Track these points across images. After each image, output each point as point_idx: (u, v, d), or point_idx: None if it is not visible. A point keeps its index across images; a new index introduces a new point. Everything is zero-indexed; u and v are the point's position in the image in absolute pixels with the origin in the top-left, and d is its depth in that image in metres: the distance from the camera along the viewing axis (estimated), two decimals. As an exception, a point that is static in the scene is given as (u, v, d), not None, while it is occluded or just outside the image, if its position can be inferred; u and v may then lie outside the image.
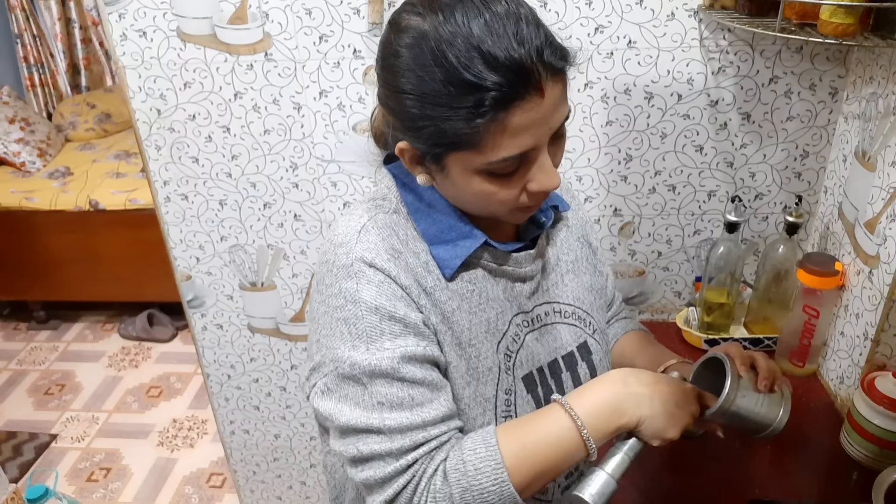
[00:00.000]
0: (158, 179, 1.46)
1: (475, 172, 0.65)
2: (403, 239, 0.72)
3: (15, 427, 2.58)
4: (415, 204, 0.74)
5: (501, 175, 0.65)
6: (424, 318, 0.70)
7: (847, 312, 1.19)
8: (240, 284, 1.57)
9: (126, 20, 1.28)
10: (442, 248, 0.72)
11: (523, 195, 0.68)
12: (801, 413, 1.20)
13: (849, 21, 0.92)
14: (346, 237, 0.71)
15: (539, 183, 0.66)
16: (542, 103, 0.61)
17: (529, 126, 0.62)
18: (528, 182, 0.66)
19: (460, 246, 0.72)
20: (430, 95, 0.62)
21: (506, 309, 0.77)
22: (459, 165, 0.66)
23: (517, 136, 0.62)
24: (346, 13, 1.24)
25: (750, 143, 1.30)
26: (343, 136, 1.36)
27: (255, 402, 1.75)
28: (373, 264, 0.68)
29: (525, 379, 0.78)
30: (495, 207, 0.69)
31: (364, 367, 0.66)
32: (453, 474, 0.66)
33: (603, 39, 1.22)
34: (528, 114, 0.61)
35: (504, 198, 0.67)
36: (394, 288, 0.68)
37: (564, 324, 0.83)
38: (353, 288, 0.68)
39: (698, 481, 1.07)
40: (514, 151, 0.63)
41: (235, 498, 2.14)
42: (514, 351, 0.77)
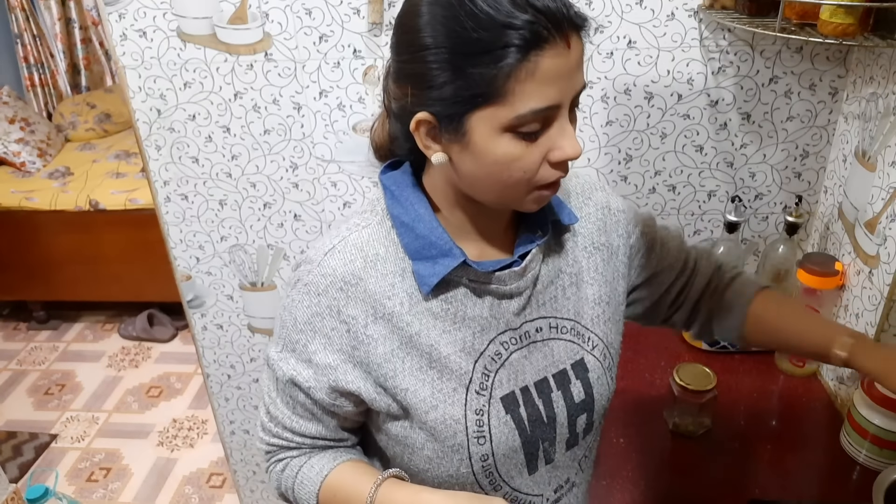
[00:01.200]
0: (158, 179, 1.46)
1: (502, 130, 0.63)
2: (377, 256, 0.73)
3: (15, 427, 2.58)
4: (400, 218, 0.73)
5: (527, 135, 0.63)
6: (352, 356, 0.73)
7: (847, 312, 1.19)
8: (240, 284, 1.57)
9: (126, 20, 1.28)
10: (422, 264, 0.72)
11: (544, 167, 0.65)
12: (801, 413, 1.20)
13: (849, 21, 0.92)
14: (315, 255, 0.74)
15: (562, 150, 0.64)
16: (569, 55, 0.61)
17: (557, 76, 0.61)
18: (550, 150, 0.65)
19: (439, 264, 0.71)
20: (456, 44, 0.60)
21: (488, 327, 0.75)
22: (484, 126, 0.63)
23: (545, 85, 0.60)
24: (346, 13, 1.24)
25: (750, 143, 1.30)
26: (343, 136, 1.36)
27: (255, 402, 1.75)
28: (322, 293, 0.72)
29: (505, 399, 0.76)
30: (515, 182, 0.66)
31: (273, 365, 0.78)
32: (288, 471, 0.81)
33: (603, 39, 1.22)
34: (556, 61, 0.60)
35: (529, 164, 0.64)
36: (325, 322, 0.72)
37: (560, 340, 0.80)
38: (296, 302, 0.74)
39: (698, 481, 1.07)
40: (542, 103, 0.61)
41: (235, 498, 2.14)
42: (492, 370, 0.75)
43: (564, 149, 0.64)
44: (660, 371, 1.28)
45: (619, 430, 1.15)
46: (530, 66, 0.59)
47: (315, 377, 0.74)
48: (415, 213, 0.72)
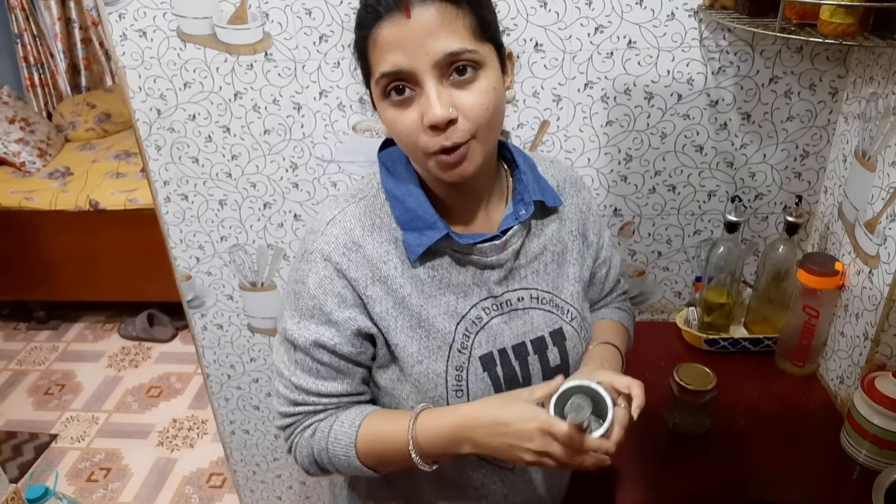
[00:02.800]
0: (158, 179, 1.46)
1: (380, 98, 0.72)
2: (372, 226, 0.80)
3: (15, 427, 2.58)
4: (393, 192, 0.81)
5: (396, 101, 0.71)
6: (364, 308, 0.80)
7: (847, 312, 1.19)
8: (240, 284, 1.57)
9: (126, 20, 1.28)
10: (411, 234, 0.79)
11: (425, 133, 0.71)
12: (801, 413, 1.20)
13: (849, 21, 0.92)
14: (318, 225, 0.81)
15: (426, 114, 0.69)
16: (410, 23, 0.67)
17: (397, 43, 0.68)
18: (422, 115, 0.70)
19: (425, 235, 0.79)
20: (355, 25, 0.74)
21: (470, 293, 0.83)
22: (375, 98, 0.74)
23: (386, 52, 0.69)
24: (346, 13, 1.24)
25: (750, 143, 1.30)
26: (343, 136, 1.36)
27: (255, 402, 1.75)
28: (328, 258, 0.79)
29: (483, 358, 0.83)
30: (408, 148, 0.74)
31: (291, 335, 0.82)
32: (318, 434, 0.83)
33: (603, 39, 1.22)
34: (392, 29, 0.68)
35: (405, 128, 0.72)
36: (335, 283, 0.79)
37: (540, 310, 0.87)
38: (305, 271, 0.80)
39: (698, 481, 1.07)
40: (387, 67, 0.69)
41: (235, 498, 2.14)
42: (472, 332, 0.82)
43: (426, 113, 0.69)
44: (660, 371, 1.28)
45: (619, 430, 1.15)
46: (373, 37, 0.70)
47: (338, 333, 0.80)
48: (405, 188, 0.80)
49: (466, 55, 0.69)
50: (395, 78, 0.70)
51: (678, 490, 1.06)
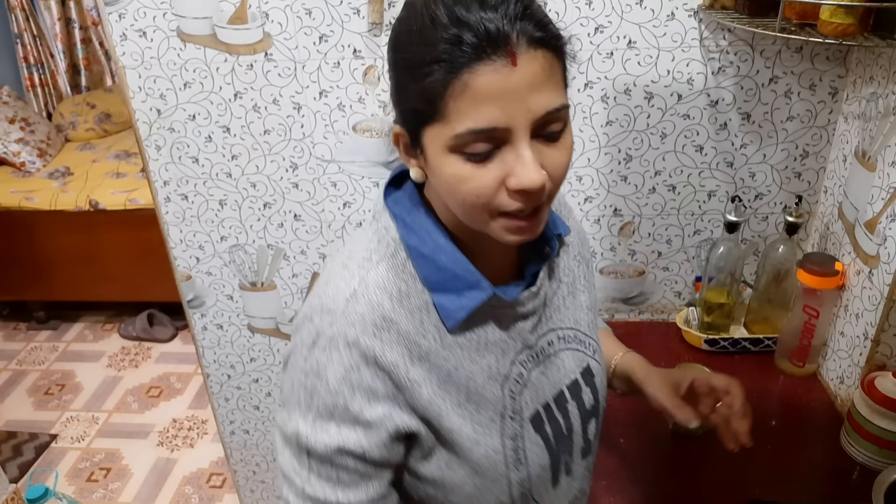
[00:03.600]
0: (158, 179, 1.46)
1: (447, 150, 0.60)
2: (400, 294, 0.67)
3: (15, 427, 2.58)
4: (419, 249, 0.68)
5: (474, 157, 0.59)
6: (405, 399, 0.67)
7: (847, 312, 1.19)
8: (240, 284, 1.57)
9: (126, 20, 1.28)
10: (445, 296, 0.68)
11: (502, 194, 0.60)
12: (801, 413, 1.20)
13: (849, 21, 0.92)
14: (335, 303, 0.66)
15: (517, 177, 0.59)
16: (514, 73, 0.56)
17: (497, 95, 0.56)
18: (507, 176, 0.59)
19: (466, 296, 0.68)
20: (403, 60, 0.61)
21: (508, 349, 0.73)
22: (433, 144, 0.61)
23: (482, 104, 0.56)
24: (346, 13, 1.24)
25: (750, 143, 1.30)
26: (343, 136, 1.36)
27: (255, 402, 1.75)
28: (354, 343, 0.64)
29: (533, 420, 0.75)
30: (471, 206, 0.62)
31: (304, 440, 0.66)
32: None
33: (603, 39, 1.22)
34: (493, 77, 0.55)
35: (479, 189, 0.60)
36: (364, 374, 0.64)
37: (568, 350, 0.80)
38: (323, 362, 0.65)
39: (698, 481, 1.07)
40: (480, 123, 0.57)
41: (235, 498, 2.14)
42: (517, 392, 0.74)
43: (519, 177, 0.59)
44: (660, 371, 1.28)
45: (619, 430, 1.15)
46: (461, 83, 0.56)
47: (367, 436, 0.66)
48: (434, 243, 0.68)
49: (563, 112, 0.60)
50: (483, 137, 0.58)
51: (678, 490, 1.06)
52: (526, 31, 0.56)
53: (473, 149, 0.59)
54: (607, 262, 1.46)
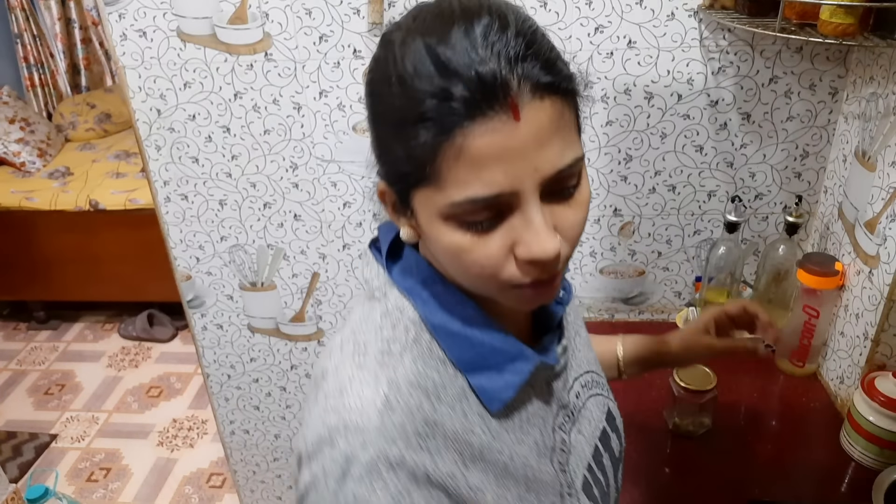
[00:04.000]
0: (158, 179, 1.46)
1: (442, 218, 0.50)
2: (436, 386, 0.56)
3: (15, 427, 2.58)
4: (447, 327, 0.57)
5: (475, 226, 0.50)
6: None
7: (847, 312, 1.19)
8: (240, 284, 1.57)
9: (126, 20, 1.28)
10: (485, 376, 0.57)
11: (511, 264, 0.51)
12: (801, 413, 1.20)
13: (849, 21, 0.92)
14: (364, 417, 0.53)
15: (527, 247, 0.49)
16: (517, 128, 0.46)
17: (499, 157, 0.47)
18: (514, 244, 0.50)
19: (509, 371, 0.58)
20: (384, 113, 0.51)
21: (547, 416, 0.64)
22: (425, 209, 0.52)
23: (483, 169, 0.47)
24: (346, 13, 1.24)
25: (750, 143, 1.30)
26: (343, 136, 1.36)
27: (255, 402, 1.75)
28: (399, 463, 0.52)
29: (584, 488, 0.66)
30: (476, 276, 0.53)
31: None
32: None
33: (603, 39, 1.22)
34: (494, 137, 0.46)
35: (484, 260, 0.51)
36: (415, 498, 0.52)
37: (591, 397, 0.72)
38: (364, 497, 0.51)
39: (698, 481, 1.07)
40: (482, 191, 0.47)
41: (235, 498, 2.14)
42: (565, 462, 0.65)
43: (529, 246, 0.49)
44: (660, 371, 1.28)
45: (619, 430, 1.16)
46: (454, 147, 0.46)
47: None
48: (462, 316, 0.58)
49: (577, 166, 0.51)
50: (488, 205, 0.49)
51: (678, 490, 1.06)
52: (530, 75, 0.47)
53: (474, 217, 0.50)
54: (607, 262, 1.46)
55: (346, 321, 0.63)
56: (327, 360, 0.59)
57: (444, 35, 0.47)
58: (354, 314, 0.62)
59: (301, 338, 1.63)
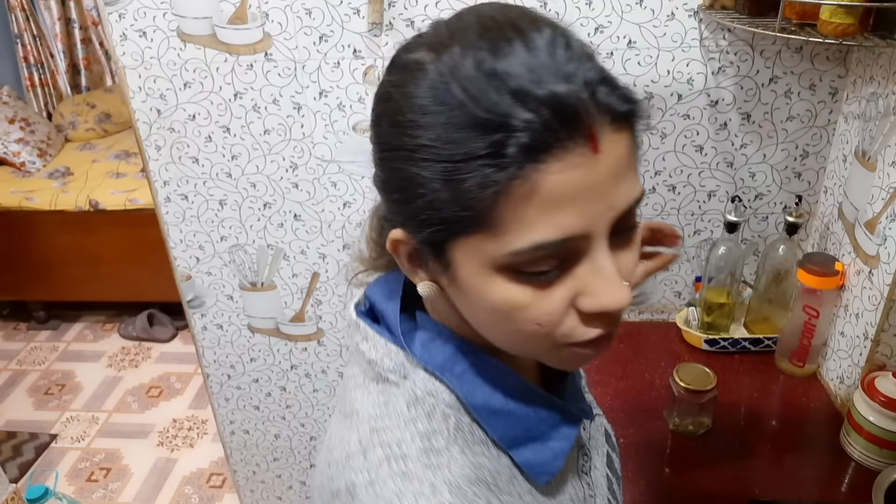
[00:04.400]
0: (158, 179, 1.46)
1: (494, 270, 0.43)
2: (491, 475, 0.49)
3: (15, 427, 2.58)
4: (490, 404, 0.50)
5: (535, 277, 0.43)
6: None
7: (847, 312, 1.19)
8: (240, 284, 1.57)
9: (126, 20, 1.28)
10: (529, 449, 0.51)
11: (570, 319, 0.44)
12: (801, 413, 1.20)
13: (849, 21, 0.92)
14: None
15: (596, 298, 0.43)
16: (596, 162, 0.40)
17: (575, 195, 0.40)
18: (578, 296, 0.44)
19: (554, 438, 0.52)
20: (427, 147, 0.41)
21: (571, 465, 0.59)
22: (470, 260, 0.44)
23: (557, 211, 0.40)
24: (346, 13, 1.24)
25: (750, 143, 1.30)
26: (343, 136, 1.36)
27: (255, 402, 1.75)
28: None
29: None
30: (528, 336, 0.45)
31: None
32: None
33: (603, 39, 1.22)
34: (573, 173, 0.39)
35: (543, 317, 0.44)
36: None
37: (592, 423, 0.67)
38: None
39: (698, 481, 1.07)
40: (552, 235, 0.40)
41: (235, 498, 2.14)
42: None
43: (599, 296, 0.43)
44: (660, 371, 1.28)
45: (620, 430, 1.15)
46: (526, 186, 0.39)
47: None
48: (503, 387, 0.51)
49: (638, 203, 0.45)
50: (557, 251, 0.42)
51: (678, 490, 1.06)
52: (609, 102, 0.40)
53: (537, 267, 0.42)
54: (607, 262, 1.46)
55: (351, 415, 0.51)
56: (351, 473, 0.48)
57: (500, 50, 0.40)
58: (361, 404, 0.51)
59: (301, 338, 1.63)
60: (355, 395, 0.52)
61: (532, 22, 0.42)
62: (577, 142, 0.39)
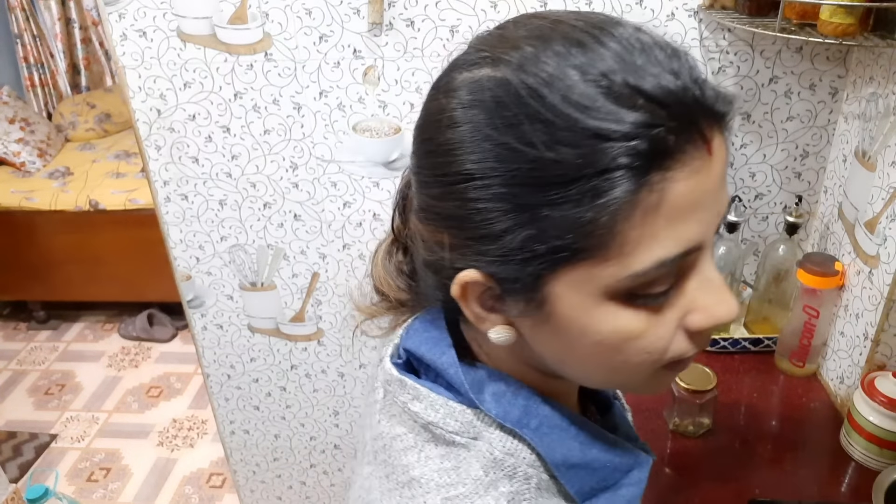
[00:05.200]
0: (158, 179, 1.46)
1: (606, 297, 0.39)
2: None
3: (15, 427, 2.58)
4: (567, 461, 0.46)
5: (650, 300, 0.40)
6: None
7: (847, 312, 1.19)
8: (240, 284, 1.57)
9: (126, 20, 1.28)
10: (602, 499, 0.48)
11: (678, 340, 0.42)
12: (801, 413, 1.20)
13: (849, 21, 0.92)
14: None
15: (708, 312, 0.41)
16: (711, 165, 0.37)
17: (697, 202, 0.37)
18: (688, 313, 0.41)
19: (625, 485, 0.49)
20: (518, 172, 0.37)
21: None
22: (576, 293, 0.39)
23: (681, 220, 0.37)
24: (346, 13, 1.24)
25: (750, 143, 1.30)
26: (343, 136, 1.36)
27: (255, 402, 1.75)
28: None
29: None
30: (633, 367, 0.42)
31: None
32: None
33: (603, 39, 1.22)
34: (695, 179, 0.37)
35: (653, 343, 0.41)
36: None
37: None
38: None
39: (698, 481, 1.07)
40: (674, 248, 0.38)
41: (235, 498, 2.14)
42: None
43: (711, 310, 0.41)
44: (660, 371, 1.28)
45: (619, 430, 1.15)
46: (653, 196, 0.36)
47: None
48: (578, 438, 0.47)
49: None
50: (677, 267, 0.39)
51: (678, 490, 1.06)
52: (714, 105, 0.37)
53: (654, 288, 0.39)
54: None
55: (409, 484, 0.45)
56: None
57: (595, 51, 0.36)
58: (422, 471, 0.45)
59: (301, 338, 1.63)
60: (410, 461, 0.46)
61: (608, 20, 0.38)
62: (696, 144, 0.36)
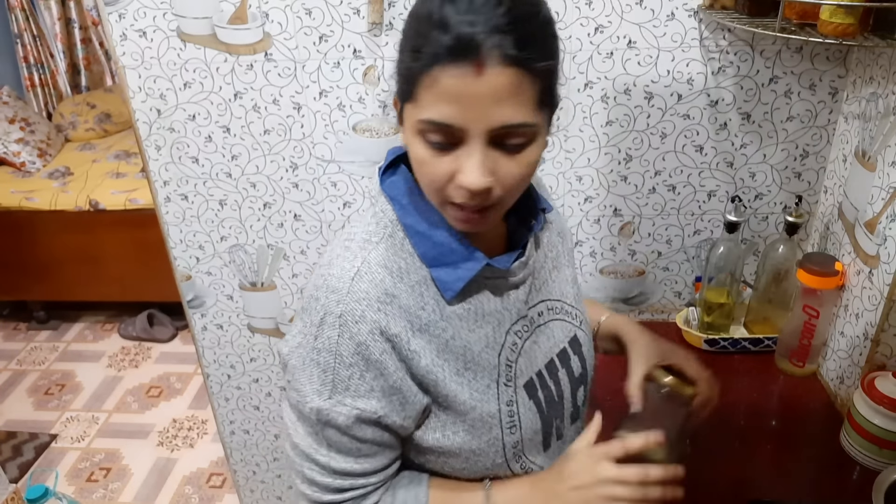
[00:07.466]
0: (158, 179, 1.46)
1: (416, 131, 0.64)
2: (400, 270, 0.72)
3: (15, 427, 2.58)
4: (415, 227, 0.72)
5: (433, 145, 0.63)
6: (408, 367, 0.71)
7: (847, 312, 1.19)
8: (240, 284, 1.57)
9: (126, 20, 1.28)
10: (443, 270, 0.72)
11: (453, 185, 0.64)
12: (801, 413, 1.20)
13: (849, 21, 0.92)
14: (340, 282, 0.70)
15: (462, 174, 0.63)
16: (478, 82, 0.58)
17: (457, 97, 0.60)
18: (456, 171, 0.64)
19: (462, 268, 0.72)
20: (403, 37, 0.66)
21: (503, 319, 0.78)
22: (407, 122, 0.66)
23: (442, 101, 0.60)
24: (346, 13, 1.24)
25: (750, 143, 1.30)
26: (343, 136, 1.36)
27: (255, 402, 1.75)
28: (361, 318, 0.68)
29: (526, 386, 0.79)
30: (427, 186, 0.68)
31: (322, 415, 0.70)
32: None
33: (603, 39, 1.22)
34: (457, 81, 0.59)
35: (433, 175, 0.65)
36: (374, 347, 0.69)
37: (556, 320, 0.85)
38: (335, 339, 0.69)
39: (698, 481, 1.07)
40: (436, 116, 0.61)
41: (235, 498, 2.14)
42: (513, 360, 0.78)
43: (463, 174, 0.63)
44: (660, 371, 1.28)
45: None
46: (431, 77, 0.60)
47: (383, 404, 0.70)
48: (429, 221, 0.72)
49: (524, 129, 0.63)
50: (440, 130, 0.62)
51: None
52: (501, 45, 0.58)
53: (432, 138, 0.63)
54: (607, 262, 1.46)
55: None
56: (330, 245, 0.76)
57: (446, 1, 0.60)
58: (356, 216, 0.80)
59: (301, 338, 1.63)
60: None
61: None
62: (467, 63, 0.58)
